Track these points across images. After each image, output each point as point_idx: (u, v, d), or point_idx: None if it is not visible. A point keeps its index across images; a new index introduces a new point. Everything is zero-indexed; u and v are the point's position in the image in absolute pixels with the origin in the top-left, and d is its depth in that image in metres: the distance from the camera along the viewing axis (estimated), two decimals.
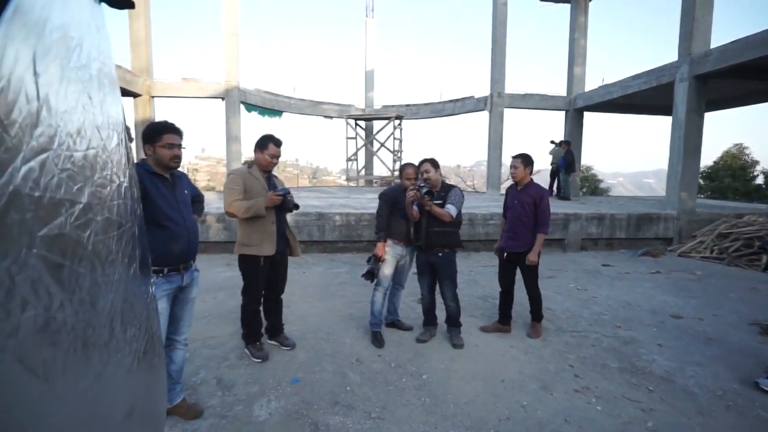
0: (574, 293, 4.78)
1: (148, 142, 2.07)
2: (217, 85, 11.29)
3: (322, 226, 6.65)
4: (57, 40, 0.44)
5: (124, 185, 0.84)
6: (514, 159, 3.46)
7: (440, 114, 14.32)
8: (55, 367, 0.52)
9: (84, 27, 0.55)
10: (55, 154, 0.45)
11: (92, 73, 0.60)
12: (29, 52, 0.38)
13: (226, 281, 4.83)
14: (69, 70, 0.49)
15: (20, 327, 0.40)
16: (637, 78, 9.28)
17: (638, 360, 3.07)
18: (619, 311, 4.16)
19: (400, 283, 3.57)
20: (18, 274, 0.39)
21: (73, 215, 0.51)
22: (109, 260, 0.74)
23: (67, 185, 0.49)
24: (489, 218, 6.98)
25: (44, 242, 0.44)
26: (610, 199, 12.82)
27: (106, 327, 0.73)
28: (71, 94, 0.50)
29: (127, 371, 0.93)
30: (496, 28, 11.57)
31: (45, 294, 0.45)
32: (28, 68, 0.38)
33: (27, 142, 0.39)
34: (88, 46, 0.56)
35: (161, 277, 2.08)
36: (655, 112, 12.23)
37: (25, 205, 0.39)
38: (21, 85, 0.37)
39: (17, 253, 0.38)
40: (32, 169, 0.40)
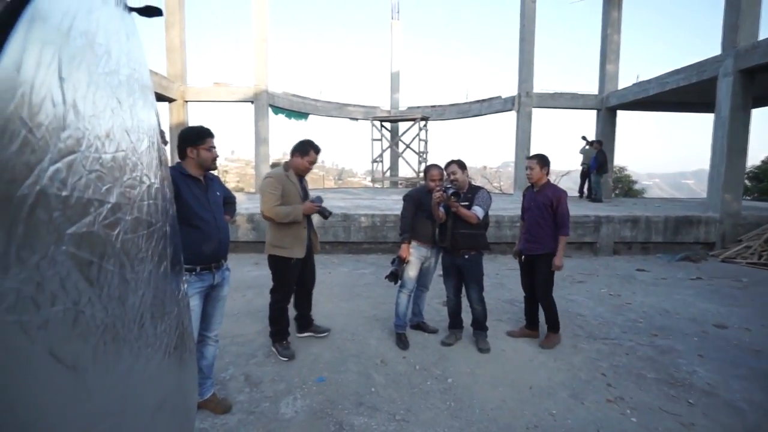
0: (606, 299, 4.58)
1: (191, 145, 2.16)
2: (246, 89, 11.62)
3: (347, 227, 6.70)
4: (82, 47, 0.46)
5: (155, 186, 0.87)
6: (529, 160, 3.36)
7: (466, 115, 14.14)
8: (85, 359, 0.54)
9: (113, 35, 0.58)
10: (83, 156, 0.47)
11: (121, 78, 0.63)
12: (53, 57, 0.40)
13: (255, 280, 4.95)
14: (97, 75, 0.51)
15: (50, 320, 0.42)
16: (675, 74, 8.82)
17: (677, 371, 2.90)
18: (656, 319, 3.95)
19: (425, 285, 3.54)
20: (47, 270, 0.40)
21: (102, 214, 0.54)
22: (139, 258, 0.76)
23: (96, 186, 0.51)
24: (516, 220, 6.81)
25: (73, 240, 0.46)
26: (645, 201, 12.23)
27: (136, 322, 0.76)
28: (99, 98, 0.52)
29: (158, 366, 0.96)
30: (525, 26, 11.30)
31: (74, 289, 0.47)
32: (53, 73, 0.40)
33: (54, 144, 0.40)
34: (117, 53, 0.59)
35: (194, 275, 2.15)
36: (694, 109, 11.57)
37: (52, 204, 0.41)
38: (46, 89, 0.39)
39: (45, 249, 0.40)
40: (59, 170, 0.42)
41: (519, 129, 11.56)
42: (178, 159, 2.23)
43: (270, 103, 11.80)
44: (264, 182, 2.95)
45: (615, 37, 11.70)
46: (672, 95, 9.38)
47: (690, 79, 8.34)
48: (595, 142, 10.12)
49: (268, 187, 2.87)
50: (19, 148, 0.35)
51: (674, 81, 8.81)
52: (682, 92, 9.01)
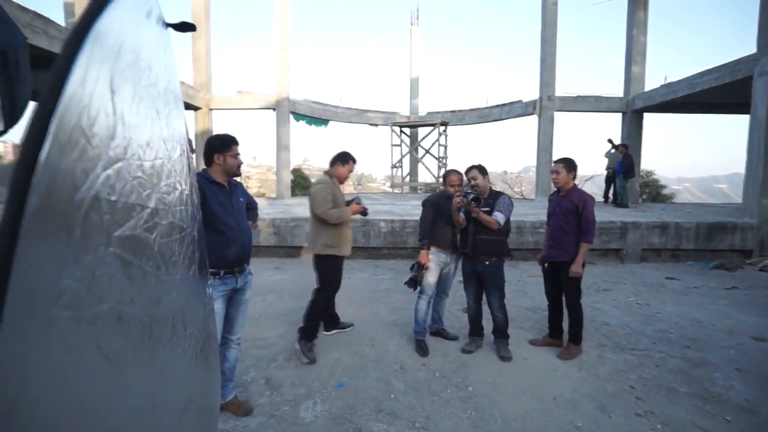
0: (634, 308, 4.42)
1: (218, 152, 2.24)
2: (269, 96, 11.90)
3: (367, 233, 6.74)
4: (130, 62, 0.50)
5: (186, 192, 0.91)
6: (555, 164, 3.28)
7: (486, 119, 14.03)
8: (125, 355, 0.57)
9: (153, 50, 0.61)
10: (127, 164, 0.50)
11: (159, 90, 0.67)
12: (107, 73, 0.43)
13: (275, 284, 5.03)
14: (140, 88, 0.55)
15: (98, 317, 0.45)
16: (706, 74, 8.50)
17: (712, 385, 2.77)
18: (688, 329, 3.79)
19: (445, 291, 3.51)
20: (97, 269, 0.43)
21: (143, 219, 0.57)
22: (172, 261, 0.80)
23: (138, 191, 0.54)
24: (538, 226, 6.69)
25: (119, 242, 0.49)
26: (675, 206, 11.78)
27: (169, 323, 0.79)
28: (142, 109, 0.56)
29: (186, 366, 0.99)
30: (546, 28, 11.17)
31: (118, 288, 0.50)
32: (107, 87, 0.43)
33: (105, 152, 0.44)
34: (156, 66, 0.62)
35: (218, 279, 2.21)
36: (726, 110, 11.13)
37: (103, 208, 0.44)
38: (101, 102, 0.42)
39: (96, 250, 0.43)
40: (109, 176, 0.45)
41: (541, 133, 11.38)
42: (203, 166, 2.31)
43: (291, 110, 12.04)
44: (317, 188, 3.23)
45: (641, 38, 11.41)
46: (703, 96, 9.04)
47: (723, 80, 8.02)
48: (620, 146, 9.84)
49: (322, 192, 3.16)
50: (78, 156, 0.38)
51: (705, 82, 8.49)
52: (714, 93, 8.68)
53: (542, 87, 11.35)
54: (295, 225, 6.84)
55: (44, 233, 0.35)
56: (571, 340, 3.22)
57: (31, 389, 0.35)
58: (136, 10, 0.52)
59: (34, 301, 0.35)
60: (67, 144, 0.36)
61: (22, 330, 0.34)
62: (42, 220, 0.33)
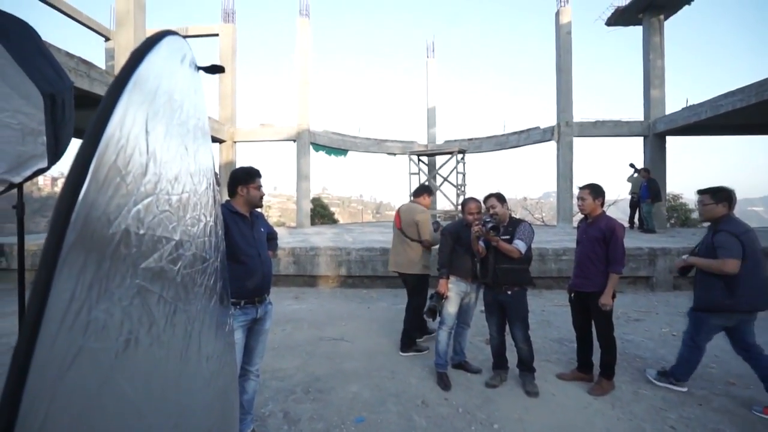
0: (669, 340, 4.17)
1: (242, 184, 2.31)
2: (290, 128, 12.34)
3: (386, 261, 6.68)
4: (164, 104, 0.53)
5: (210, 224, 0.93)
6: (581, 190, 3.20)
7: (504, 146, 14.06)
8: (148, 388, 0.57)
9: (185, 91, 0.66)
10: (156, 198, 0.52)
11: (189, 128, 0.70)
12: (144, 114, 0.47)
13: (294, 314, 5.02)
14: (172, 126, 0.58)
15: (121, 349, 0.46)
16: (730, 95, 8.35)
17: (765, 428, 2.54)
18: (731, 364, 3.52)
19: (466, 322, 3.41)
20: (124, 301, 0.45)
21: (168, 251, 0.59)
22: (194, 292, 0.81)
23: (164, 224, 0.56)
24: (561, 253, 6.51)
25: (144, 273, 0.51)
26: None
27: (190, 354, 0.80)
28: (172, 147, 0.59)
29: (206, 398, 0.99)
30: (561, 56, 11.31)
31: (142, 320, 0.51)
32: (142, 128, 0.46)
33: (137, 188, 0.46)
34: (187, 106, 0.66)
35: (238, 309, 2.22)
36: (754, 131, 10.81)
37: (132, 242, 0.46)
38: (136, 141, 0.45)
39: (123, 282, 0.45)
40: (139, 210, 0.47)
41: (560, 159, 11.29)
42: (227, 197, 2.38)
43: (311, 141, 12.41)
44: (424, 216, 3.82)
45: (658, 62, 11.40)
46: (727, 118, 8.84)
47: (749, 100, 7.85)
48: (642, 170, 9.64)
49: (429, 220, 3.80)
50: (113, 192, 0.41)
51: (730, 103, 8.32)
52: (739, 114, 8.48)
53: (559, 113, 11.36)
54: (315, 254, 6.88)
55: (79, 265, 0.36)
56: (602, 375, 3.04)
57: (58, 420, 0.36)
58: (173, 56, 0.56)
59: (66, 331, 0.36)
60: (104, 182, 0.38)
61: (52, 360, 0.35)
62: (77, 254, 0.35)
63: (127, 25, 8.42)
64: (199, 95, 0.78)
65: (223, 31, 12.83)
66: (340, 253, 6.83)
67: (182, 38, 0.64)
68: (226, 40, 12.78)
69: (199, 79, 0.80)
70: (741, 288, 2.70)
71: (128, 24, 8.41)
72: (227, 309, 1.21)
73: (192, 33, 13.26)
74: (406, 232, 3.84)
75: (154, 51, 0.46)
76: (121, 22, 8.54)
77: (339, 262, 6.83)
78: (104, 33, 13.82)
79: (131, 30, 8.36)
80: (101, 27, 13.74)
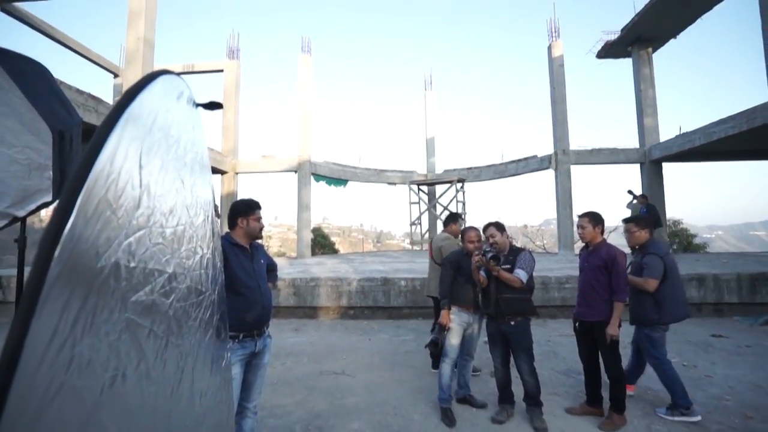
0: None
1: (242, 216, 2.32)
2: (291, 159, 12.54)
3: (387, 292, 6.61)
4: (159, 139, 0.55)
5: (207, 257, 0.93)
6: (580, 218, 3.20)
7: (503, 175, 14.22)
8: (136, 427, 0.55)
9: (182, 126, 0.68)
10: (149, 231, 0.53)
11: (186, 161, 0.72)
12: (137, 149, 0.48)
13: (294, 347, 4.90)
14: (167, 161, 0.59)
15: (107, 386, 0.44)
16: (722, 123, 8.53)
17: None
18: (747, 396, 3.39)
19: (469, 353, 3.32)
20: (110, 336, 0.44)
21: (160, 284, 0.58)
22: (188, 326, 0.80)
23: (157, 257, 0.56)
24: (564, 281, 6.43)
25: (134, 307, 0.50)
26: (710, 256, 11.19)
27: (183, 391, 0.77)
28: (168, 180, 0.60)
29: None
30: (555, 88, 11.66)
31: (130, 355, 0.50)
32: (135, 162, 0.47)
33: (129, 221, 0.46)
34: (185, 141, 0.68)
35: (236, 343, 2.17)
36: (747, 157, 10.95)
37: (122, 275, 0.46)
38: (129, 175, 0.46)
39: (111, 316, 0.44)
40: (131, 243, 0.47)
41: (559, 187, 11.39)
42: (227, 229, 2.38)
43: (312, 171, 12.58)
44: (447, 242, 4.00)
45: (649, 91, 11.73)
46: (720, 144, 8.99)
47: (740, 128, 8.01)
48: (639, 197, 9.71)
49: (452, 246, 3.88)
50: (103, 226, 0.41)
51: (722, 130, 8.49)
52: (732, 141, 8.62)
53: (556, 142, 11.57)
54: (315, 285, 6.81)
55: (63, 300, 0.36)
56: (612, 409, 2.92)
57: None
58: (168, 94, 0.59)
59: (47, 367, 0.35)
60: (93, 215, 0.39)
61: (31, 398, 0.34)
62: (62, 288, 0.35)
63: (136, 62, 8.76)
64: (197, 130, 0.80)
65: (228, 67, 13.34)
66: (341, 283, 6.76)
67: (179, 77, 0.66)
68: (230, 76, 13.26)
69: (198, 115, 0.82)
70: (666, 303, 3.08)
71: (137, 61, 8.75)
72: (224, 343, 1.18)
73: (198, 69, 13.79)
74: (435, 258, 4.06)
75: (147, 89, 0.48)
76: (130, 59, 8.88)
77: (339, 293, 6.74)
78: (113, 70, 14.38)
79: (139, 66, 8.69)
80: (110, 64, 14.32)
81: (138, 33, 8.82)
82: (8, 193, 1.94)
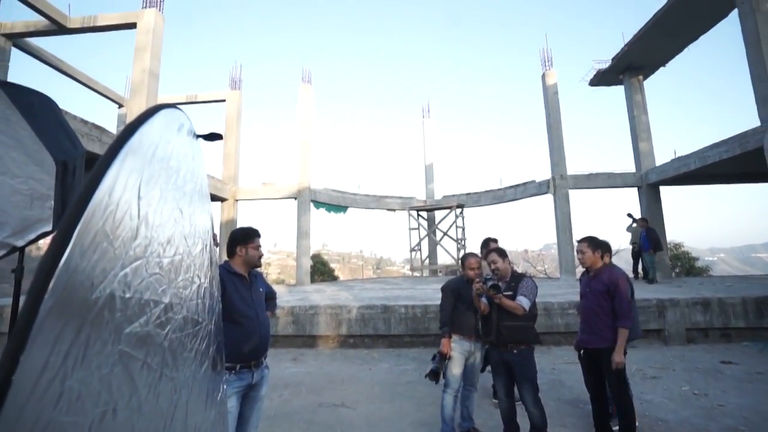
0: (691, 399, 3.91)
1: (240, 244, 2.32)
2: (290, 187, 12.64)
3: (387, 319, 6.50)
4: (159, 170, 0.56)
5: (204, 286, 0.92)
6: (579, 243, 3.18)
7: (502, 200, 14.29)
8: None
9: (182, 157, 0.69)
10: (146, 261, 0.53)
11: (186, 191, 0.73)
12: (137, 180, 0.48)
13: (292, 377, 4.76)
14: (167, 191, 0.60)
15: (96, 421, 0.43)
16: (716, 147, 8.66)
17: None
18: (762, 426, 3.27)
19: (472, 383, 3.23)
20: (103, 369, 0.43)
21: (155, 314, 0.58)
22: (183, 357, 0.78)
23: (153, 287, 0.56)
24: (567, 307, 6.34)
25: (128, 339, 0.49)
26: (714, 279, 11.07)
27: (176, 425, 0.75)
28: (166, 210, 0.60)
29: None
30: (550, 115, 11.92)
31: (123, 389, 0.49)
32: (134, 193, 0.48)
33: (126, 252, 0.46)
34: (184, 171, 0.69)
35: (233, 374, 2.12)
36: (743, 180, 11.07)
37: (117, 306, 0.45)
38: (128, 206, 0.46)
39: (104, 348, 0.43)
40: (127, 274, 0.47)
41: (558, 211, 11.43)
42: (225, 257, 2.37)
43: (312, 198, 12.65)
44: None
45: (642, 117, 11.99)
46: (716, 168, 9.09)
47: (733, 151, 8.13)
48: (639, 220, 9.74)
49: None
50: (99, 257, 0.41)
51: (716, 154, 8.61)
52: (727, 164, 8.73)
53: (553, 167, 11.71)
54: (314, 313, 6.70)
55: (55, 332, 0.35)
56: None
57: None
58: (169, 126, 0.60)
59: (35, 402, 0.34)
60: (90, 247, 0.39)
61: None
62: (55, 320, 0.35)
63: (141, 92, 9.00)
64: (197, 161, 0.81)
65: (230, 97, 13.69)
66: (340, 311, 6.65)
67: (180, 110, 0.68)
68: (232, 106, 13.58)
69: (198, 146, 0.84)
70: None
71: (141, 92, 9.00)
72: (220, 375, 1.15)
73: (201, 99, 14.15)
74: None
75: (148, 123, 0.49)
76: (136, 90, 9.13)
77: (339, 321, 6.62)
78: (118, 100, 14.77)
79: (144, 97, 8.93)
80: (115, 95, 14.72)
81: (143, 66, 9.11)
82: (8, 223, 1.95)
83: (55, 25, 9.95)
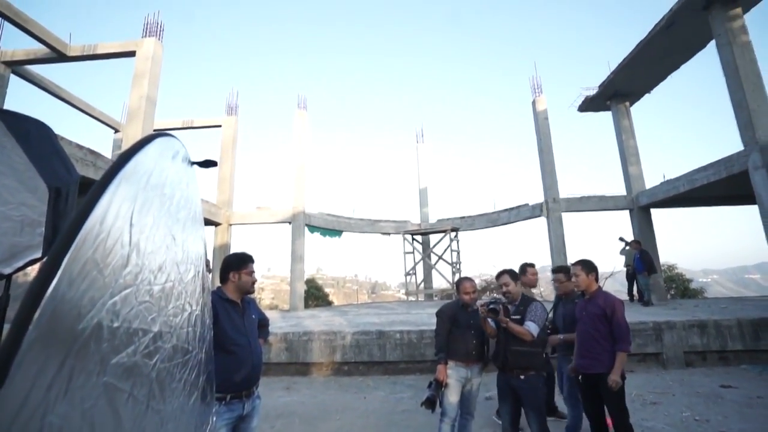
0: (693, 426, 3.83)
1: (233, 270, 2.28)
2: (285, 211, 12.62)
3: (382, 345, 6.37)
4: (153, 197, 0.56)
5: (195, 313, 0.90)
6: (573, 267, 3.17)
7: (496, 223, 14.36)
8: None
9: (177, 184, 0.69)
10: (136, 289, 0.52)
11: (179, 218, 0.72)
12: (129, 208, 0.48)
13: (285, 407, 4.60)
14: (160, 218, 0.60)
15: None
16: (703, 170, 8.86)
17: None
18: None
19: (469, 411, 3.13)
20: (86, 403, 0.41)
21: (144, 344, 0.56)
22: (171, 388, 0.75)
23: (143, 316, 0.55)
24: None
25: (114, 370, 0.48)
26: (708, 301, 11.06)
27: None
28: (159, 237, 0.60)
29: None
30: (541, 139, 12.18)
31: (106, 423, 0.47)
32: (126, 221, 0.48)
33: (116, 280, 0.46)
34: (178, 198, 0.69)
35: (223, 405, 2.04)
36: (732, 202, 11.28)
37: (104, 336, 0.44)
38: (119, 234, 0.46)
39: (88, 381, 0.42)
40: (116, 302, 0.46)
41: (551, 234, 11.50)
42: (218, 283, 2.34)
43: (306, 222, 12.62)
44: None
45: (630, 142, 12.28)
46: (704, 190, 9.28)
47: (720, 174, 8.32)
48: (632, 242, 9.80)
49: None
50: (88, 286, 0.40)
51: (704, 177, 8.80)
52: (715, 187, 8.92)
53: (546, 190, 11.87)
54: (308, 339, 6.55)
55: (37, 365, 0.34)
56: None
57: None
58: (164, 154, 0.61)
59: None
60: (78, 276, 0.38)
61: None
62: (38, 353, 0.33)
63: (138, 118, 9.08)
64: (191, 187, 0.81)
65: (226, 122, 13.85)
66: (335, 337, 6.51)
67: (175, 138, 0.69)
68: (228, 131, 13.73)
69: (193, 173, 0.84)
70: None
71: (138, 117, 9.08)
72: (210, 406, 1.11)
73: (197, 124, 14.29)
74: None
75: (142, 151, 0.50)
76: (133, 115, 9.21)
77: (333, 348, 6.47)
78: (114, 125, 14.88)
79: (140, 123, 9.00)
80: (111, 120, 14.84)
81: (141, 92, 9.24)
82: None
83: (55, 53, 10.13)
